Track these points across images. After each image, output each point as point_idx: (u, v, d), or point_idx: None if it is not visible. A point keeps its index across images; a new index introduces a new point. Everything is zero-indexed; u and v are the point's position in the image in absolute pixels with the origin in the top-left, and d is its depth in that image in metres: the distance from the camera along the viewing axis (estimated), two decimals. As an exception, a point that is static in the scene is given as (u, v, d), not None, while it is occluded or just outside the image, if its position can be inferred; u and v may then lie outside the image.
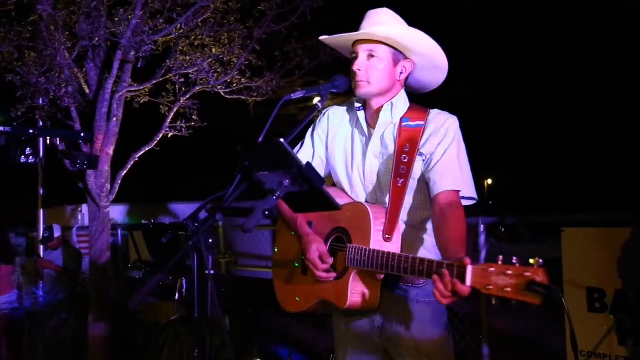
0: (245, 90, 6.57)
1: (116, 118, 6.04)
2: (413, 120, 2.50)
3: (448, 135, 2.47)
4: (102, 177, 5.96)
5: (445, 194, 2.41)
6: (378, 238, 2.34)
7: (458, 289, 1.98)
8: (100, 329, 6.01)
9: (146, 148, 6.16)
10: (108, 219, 6.06)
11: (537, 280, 1.80)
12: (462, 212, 2.39)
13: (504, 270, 1.88)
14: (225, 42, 6.40)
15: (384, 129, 2.56)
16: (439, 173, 2.43)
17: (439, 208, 2.40)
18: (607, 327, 4.41)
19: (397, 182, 2.41)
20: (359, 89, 2.52)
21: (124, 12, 5.39)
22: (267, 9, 6.23)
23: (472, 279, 1.95)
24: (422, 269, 2.12)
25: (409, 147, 2.44)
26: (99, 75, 6.11)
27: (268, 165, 1.94)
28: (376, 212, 2.38)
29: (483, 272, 1.91)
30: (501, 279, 1.87)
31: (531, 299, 1.80)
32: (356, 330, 2.58)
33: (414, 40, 2.45)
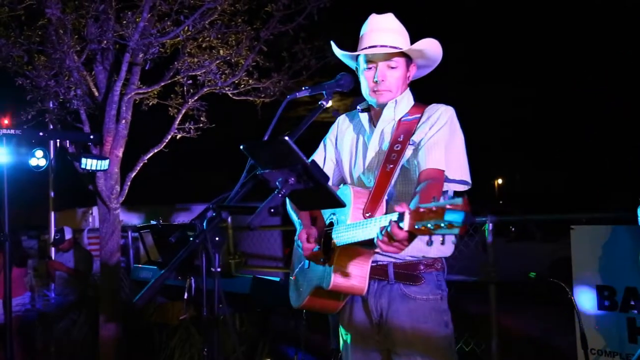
0: (252, 91, 6.60)
1: (125, 120, 6.08)
2: (412, 114, 2.57)
3: (439, 121, 2.50)
4: (112, 179, 6.00)
5: (427, 171, 2.40)
6: (358, 215, 2.34)
7: (394, 232, 1.92)
8: (111, 329, 6.05)
9: (155, 150, 6.19)
10: (118, 220, 6.09)
11: (452, 207, 1.73)
12: (441, 186, 2.37)
13: (430, 208, 1.80)
14: (232, 43, 6.43)
15: (384, 125, 2.61)
16: (424, 153, 2.44)
17: (418, 183, 2.39)
18: (618, 325, 4.38)
19: (386, 167, 2.44)
20: (381, 98, 2.58)
21: (131, 15, 5.42)
22: (274, 10, 6.25)
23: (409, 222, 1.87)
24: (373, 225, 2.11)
25: (402, 137, 2.49)
26: (108, 78, 6.15)
27: (273, 163, 1.95)
28: (358, 192, 2.41)
29: (416, 213, 1.84)
30: (429, 215, 1.79)
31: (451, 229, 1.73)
32: (357, 328, 2.61)
33: (433, 50, 2.55)
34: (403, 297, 2.50)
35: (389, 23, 2.56)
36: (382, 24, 2.56)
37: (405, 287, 2.51)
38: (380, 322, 2.55)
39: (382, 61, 2.55)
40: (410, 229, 1.85)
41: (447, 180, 2.46)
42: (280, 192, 1.92)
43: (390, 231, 1.92)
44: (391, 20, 2.58)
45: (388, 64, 2.54)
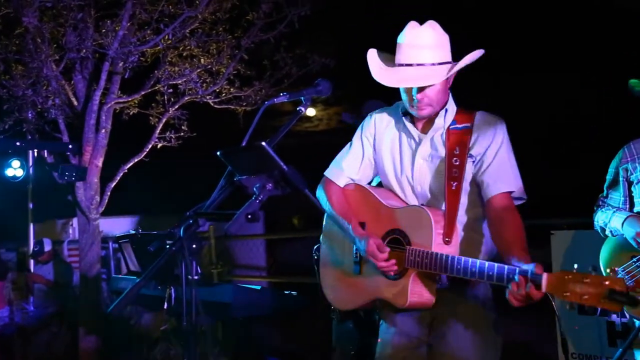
0: (234, 99, 6.58)
1: (105, 130, 6.04)
2: (460, 122, 2.54)
3: (497, 137, 2.49)
4: (91, 189, 5.94)
5: (499, 197, 2.46)
6: (439, 241, 2.39)
7: (532, 294, 2.08)
8: (91, 342, 5.98)
9: (135, 159, 6.15)
10: (98, 231, 6.04)
11: (617, 289, 1.91)
12: (518, 214, 2.43)
13: (581, 278, 1.97)
14: (213, 52, 6.41)
15: (434, 133, 2.58)
16: (492, 176, 2.47)
17: (494, 211, 2.45)
18: (598, 329, 4.41)
19: (452, 186, 2.47)
20: (422, 112, 2.53)
21: (111, 24, 5.39)
22: (254, 19, 6.24)
23: (547, 285, 2.04)
24: (491, 274, 2.21)
25: (458, 150, 2.49)
26: (87, 87, 6.11)
27: (250, 170, 1.94)
28: (436, 215, 2.44)
29: (559, 279, 2.01)
30: (578, 286, 1.97)
31: (611, 306, 1.93)
32: (404, 327, 2.62)
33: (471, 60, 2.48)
34: (457, 302, 2.53)
35: (426, 38, 2.46)
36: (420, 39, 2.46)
37: (459, 292, 2.53)
38: (433, 325, 2.58)
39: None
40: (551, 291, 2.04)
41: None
42: (258, 198, 1.91)
43: (528, 293, 2.08)
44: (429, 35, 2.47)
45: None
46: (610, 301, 1.90)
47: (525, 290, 2.08)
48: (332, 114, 19.90)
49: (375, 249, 2.47)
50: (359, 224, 2.61)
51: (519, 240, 2.34)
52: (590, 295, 1.94)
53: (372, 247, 2.48)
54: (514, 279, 2.12)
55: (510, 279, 2.14)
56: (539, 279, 2.05)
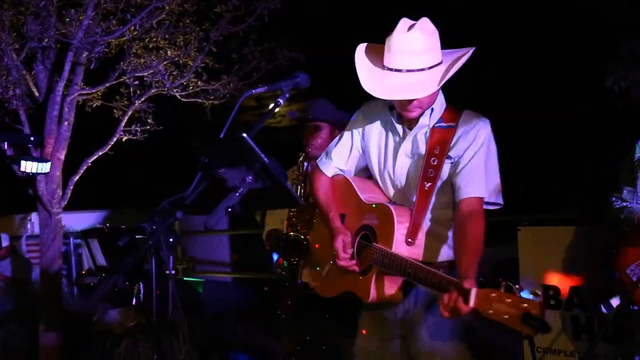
0: (201, 93, 6.48)
1: (67, 122, 5.88)
2: (446, 121, 2.53)
3: (477, 139, 2.48)
4: (54, 182, 5.79)
5: (468, 201, 2.44)
6: (401, 242, 2.41)
7: (459, 307, 2.10)
8: (52, 339, 5.83)
9: (99, 152, 6.01)
10: (60, 226, 5.88)
11: (533, 313, 1.92)
12: (482, 222, 2.42)
13: (503, 298, 1.98)
14: (180, 44, 6.30)
15: (418, 131, 2.57)
16: (464, 179, 2.46)
17: (460, 215, 2.44)
18: (562, 323, 4.49)
19: (425, 186, 2.46)
20: (411, 114, 2.50)
21: (75, 13, 5.23)
22: (223, 11, 6.16)
23: (475, 301, 2.07)
24: (434, 282, 2.24)
25: (438, 150, 2.47)
26: (49, 78, 5.94)
27: (229, 162, 1.90)
28: (400, 215, 2.44)
29: (485, 296, 2.03)
30: (501, 306, 1.98)
31: (525, 329, 1.94)
32: (377, 318, 2.65)
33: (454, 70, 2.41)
34: (428, 296, 2.53)
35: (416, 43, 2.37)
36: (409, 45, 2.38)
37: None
38: (405, 317, 2.60)
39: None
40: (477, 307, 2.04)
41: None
42: (238, 191, 1.87)
43: (456, 305, 2.10)
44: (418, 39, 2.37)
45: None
46: (525, 324, 1.93)
47: (454, 302, 2.12)
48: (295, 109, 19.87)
49: (341, 247, 2.51)
50: (338, 216, 2.64)
51: (472, 250, 2.34)
52: (510, 315, 1.97)
53: (339, 244, 2.52)
54: (447, 290, 2.16)
55: (446, 290, 2.17)
56: (468, 293, 2.08)
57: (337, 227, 2.60)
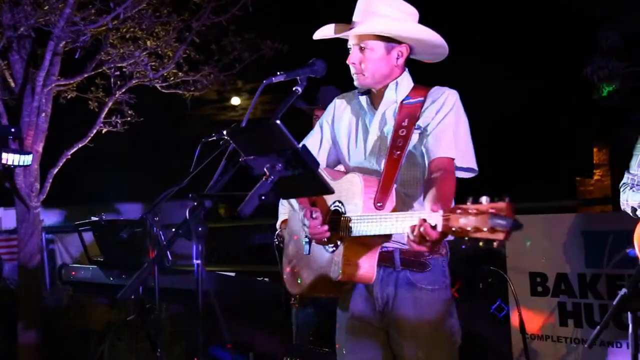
0: (182, 84, 6.39)
1: (45, 113, 5.73)
2: (413, 97, 2.52)
3: (445, 105, 2.46)
4: (31, 175, 5.64)
5: (438, 160, 2.40)
6: (369, 206, 2.31)
7: (428, 233, 1.94)
8: (31, 336, 5.70)
9: (79, 144, 5.88)
10: (38, 220, 5.74)
11: (501, 214, 1.70)
12: (452, 181, 2.36)
13: (469, 209, 1.78)
14: (160, 34, 6.20)
15: (386, 107, 2.55)
16: (433, 140, 2.42)
17: (429, 176, 2.39)
18: (550, 309, 4.57)
19: (393, 154, 2.41)
20: (355, 81, 2.54)
21: (57, 1, 5.08)
22: (204, 1, 6.08)
23: (442, 224, 1.88)
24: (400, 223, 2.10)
25: (407, 122, 2.45)
26: (25, 68, 5.78)
27: (259, 149, 1.87)
28: (368, 180, 2.36)
29: (450, 214, 1.84)
30: (468, 219, 1.77)
31: (494, 234, 1.70)
32: (356, 312, 2.55)
33: (402, 31, 2.47)
34: (410, 286, 2.46)
35: (373, 5, 2.47)
36: (365, 5, 2.49)
37: (411, 275, 2.46)
38: (384, 310, 2.50)
39: (355, 44, 2.50)
40: (444, 229, 1.85)
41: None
42: (269, 178, 1.84)
43: (424, 231, 1.92)
44: (375, 2, 2.47)
45: (360, 46, 2.49)
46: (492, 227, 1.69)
47: (421, 230, 1.95)
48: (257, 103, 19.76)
49: (308, 214, 2.40)
50: (307, 201, 2.54)
51: (444, 194, 2.23)
52: (478, 225, 1.73)
53: (307, 214, 2.41)
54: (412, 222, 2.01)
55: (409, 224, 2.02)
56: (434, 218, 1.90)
57: (303, 205, 2.51)
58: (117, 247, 3.62)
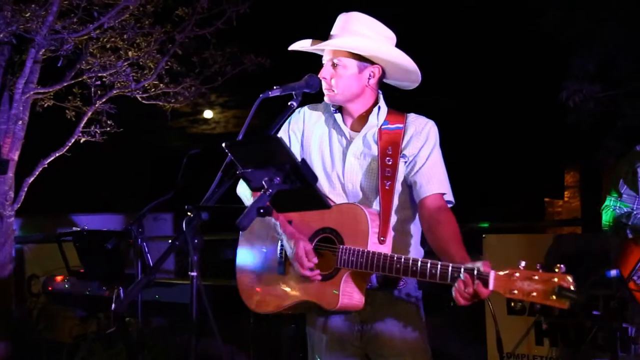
0: (162, 95, 6.36)
1: (22, 121, 5.65)
2: (392, 123, 2.53)
3: (430, 138, 2.51)
4: (6, 184, 5.54)
5: (432, 198, 2.45)
6: (374, 240, 2.33)
7: (479, 292, 2.05)
8: (1, 349, 5.55)
9: (56, 154, 5.80)
10: (11, 229, 5.63)
11: (564, 285, 1.90)
12: (452, 214, 2.42)
13: (529, 275, 1.96)
14: (141, 45, 6.17)
15: (367, 131, 2.56)
16: (425, 176, 2.47)
17: (428, 211, 2.44)
18: (526, 328, 4.63)
19: (385, 185, 2.43)
20: (326, 97, 2.55)
21: (39, 8, 5.03)
22: (188, 14, 6.08)
23: (494, 284, 2.03)
24: (434, 272, 2.16)
25: (391, 150, 2.47)
26: (3, 75, 5.70)
27: (257, 162, 1.87)
28: (371, 214, 2.38)
29: (507, 277, 2.00)
30: (527, 284, 1.96)
31: (559, 303, 1.90)
32: (334, 332, 2.52)
33: (375, 51, 2.49)
34: (387, 302, 2.49)
35: (349, 24, 2.50)
36: (342, 24, 2.52)
37: (388, 292, 2.49)
38: (363, 328, 2.50)
39: (328, 59, 2.51)
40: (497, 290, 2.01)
41: None
42: (267, 191, 1.85)
43: (476, 291, 2.04)
44: (352, 21, 2.50)
45: (332, 62, 2.49)
46: (559, 298, 1.89)
47: (472, 288, 2.05)
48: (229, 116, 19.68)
49: (304, 256, 2.36)
50: (287, 222, 2.49)
51: (455, 237, 2.33)
52: (538, 292, 1.94)
53: (301, 251, 2.37)
54: (459, 277, 2.09)
55: (456, 277, 2.10)
56: (487, 277, 2.03)
57: (292, 232, 2.44)
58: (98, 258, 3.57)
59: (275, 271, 2.53)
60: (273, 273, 2.54)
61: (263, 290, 2.58)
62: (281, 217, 2.47)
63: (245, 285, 2.63)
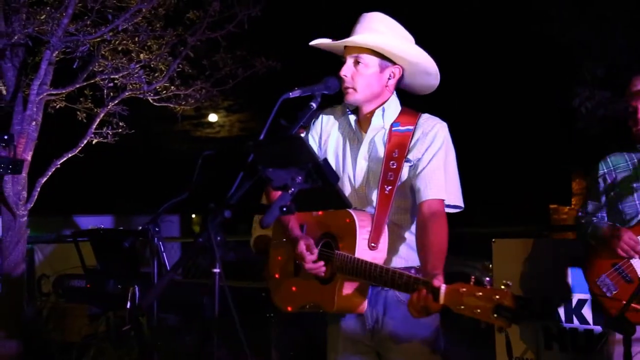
0: (173, 98, 6.41)
1: (35, 122, 5.71)
2: (403, 124, 2.52)
3: (436, 141, 2.48)
4: (19, 184, 5.60)
5: (428, 203, 2.42)
6: (363, 247, 2.34)
7: (429, 305, 2.06)
8: (12, 347, 5.60)
9: (69, 154, 5.85)
10: (24, 229, 5.68)
11: (505, 304, 1.86)
12: (444, 222, 2.40)
13: (474, 291, 1.93)
14: (153, 48, 6.23)
15: (374, 133, 2.56)
16: (424, 181, 2.44)
17: (421, 217, 2.42)
18: (534, 333, 4.63)
19: (385, 190, 2.43)
20: (346, 97, 2.53)
21: (55, 11, 5.09)
22: (200, 17, 6.13)
23: (444, 298, 2.02)
24: (400, 283, 2.18)
25: (397, 153, 2.46)
26: (17, 77, 5.76)
27: (280, 162, 1.91)
28: (362, 219, 2.37)
29: (455, 292, 1.98)
30: (472, 299, 1.93)
31: (499, 322, 1.86)
32: (347, 332, 2.56)
33: (399, 49, 2.47)
34: (398, 303, 2.48)
35: (371, 22, 2.50)
36: (365, 23, 2.51)
37: (399, 293, 2.48)
38: (374, 328, 2.52)
39: (350, 57, 2.50)
40: (446, 303, 2.00)
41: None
42: (289, 190, 1.88)
43: (425, 303, 2.05)
44: (374, 20, 2.51)
45: (355, 59, 2.49)
46: (498, 317, 1.85)
47: (423, 302, 2.07)
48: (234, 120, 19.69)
49: (304, 250, 2.40)
50: (298, 225, 2.54)
51: (437, 249, 2.31)
52: (482, 309, 1.90)
53: (302, 247, 2.40)
54: (416, 288, 2.11)
55: (414, 290, 2.12)
56: (438, 290, 2.03)
57: (298, 235, 2.48)
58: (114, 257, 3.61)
59: (292, 272, 2.59)
60: (291, 274, 2.60)
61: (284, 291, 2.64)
62: (292, 222, 2.51)
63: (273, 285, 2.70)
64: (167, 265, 3.13)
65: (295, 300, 2.57)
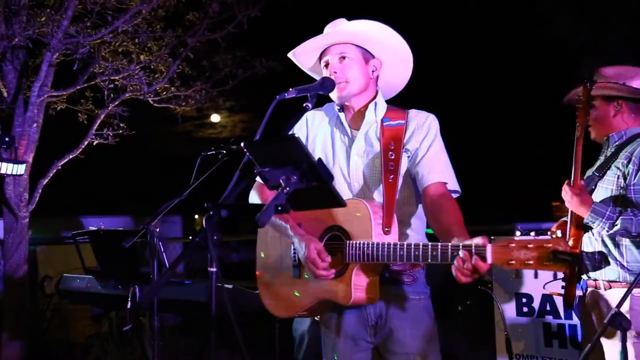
0: (173, 99, 6.43)
1: (36, 124, 5.73)
2: (394, 119, 2.60)
3: (431, 131, 2.57)
4: (20, 185, 5.62)
5: (434, 186, 2.50)
6: (379, 232, 2.37)
7: (478, 266, 2.06)
8: (16, 348, 5.63)
9: (70, 156, 5.88)
10: (26, 230, 5.71)
11: (560, 249, 1.90)
12: (455, 202, 2.48)
13: (524, 244, 1.96)
14: (153, 49, 6.25)
15: (368, 127, 2.62)
16: (426, 166, 2.52)
17: (430, 199, 2.49)
18: (535, 329, 4.65)
19: (388, 178, 2.49)
20: (340, 91, 2.58)
21: (55, 13, 5.12)
22: (200, 18, 6.15)
23: (492, 257, 2.02)
24: (435, 254, 2.18)
25: (394, 145, 2.52)
26: (18, 78, 5.79)
27: (275, 161, 1.93)
28: (374, 206, 2.40)
29: (503, 248, 1.99)
30: (522, 252, 1.95)
31: (556, 267, 1.91)
32: (348, 330, 2.57)
33: (378, 32, 2.57)
34: (399, 298, 2.53)
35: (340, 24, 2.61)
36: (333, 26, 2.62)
37: (400, 288, 2.54)
38: (377, 324, 2.55)
39: (334, 55, 2.58)
40: (496, 262, 2.00)
41: None
42: (285, 189, 1.90)
43: (476, 264, 2.05)
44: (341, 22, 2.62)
45: (340, 55, 2.57)
46: (555, 262, 1.89)
47: (471, 263, 2.06)
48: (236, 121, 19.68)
49: (317, 256, 2.40)
50: (297, 225, 2.54)
51: (457, 222, 2.36)
52: (534, 259, 1.94)
53: (313, 253, 2.40)
54: (458, 254, 2.11)
55: (455, 255, 2.11)
56: (484, 251, 2.03)
57: (302, 234, 2.48)
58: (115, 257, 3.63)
59: (290, 275, 2.58)
60: (288, 277, 2.59)
61: (282, 295, 2.63)
62: (291, 220, 2.52)
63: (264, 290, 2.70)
64: (167, 265, 3.16)
65: (299, 303, 2.56)
